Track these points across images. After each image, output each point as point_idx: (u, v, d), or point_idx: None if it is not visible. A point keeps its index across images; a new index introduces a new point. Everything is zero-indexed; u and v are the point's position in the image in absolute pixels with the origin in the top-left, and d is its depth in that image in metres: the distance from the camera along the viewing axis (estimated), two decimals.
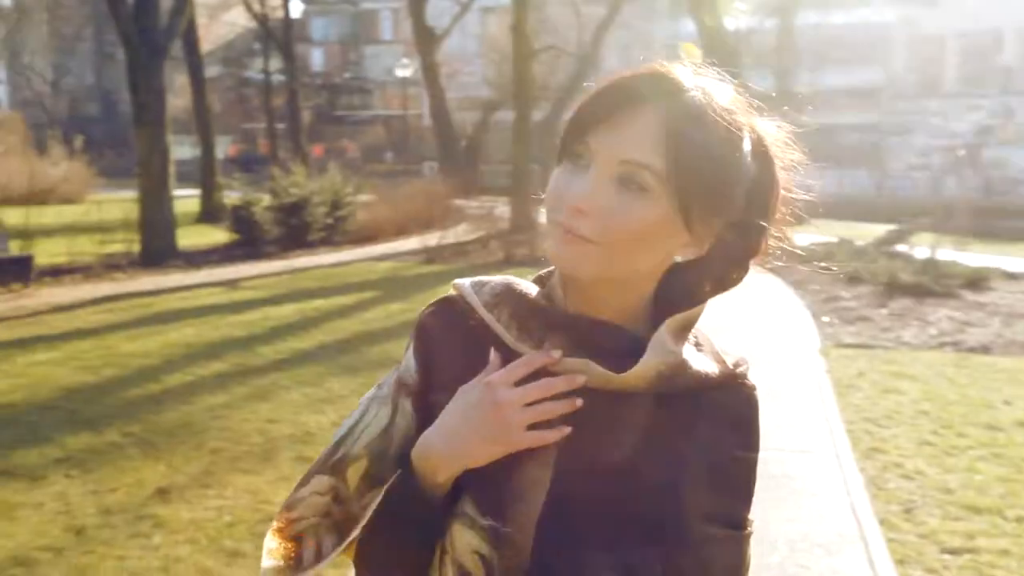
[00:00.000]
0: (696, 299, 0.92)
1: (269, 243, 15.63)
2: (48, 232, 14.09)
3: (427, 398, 0.93)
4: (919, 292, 10.62)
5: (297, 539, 0.93)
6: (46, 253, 12.63)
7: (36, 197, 23.75)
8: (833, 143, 39.04)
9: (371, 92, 57.90)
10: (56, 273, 12.11)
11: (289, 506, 0.94)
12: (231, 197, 18.90)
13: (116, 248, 14.24)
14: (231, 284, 11.69)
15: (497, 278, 0.96)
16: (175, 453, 4.83)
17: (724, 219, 0.88)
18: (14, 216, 13.03)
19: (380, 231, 17.62)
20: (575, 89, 28.01)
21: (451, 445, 0.88)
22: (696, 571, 0.89)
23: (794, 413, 5.73)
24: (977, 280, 11.41)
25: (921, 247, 12.96)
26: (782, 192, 0.92)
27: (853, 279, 11.79)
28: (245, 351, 7.43)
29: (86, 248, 13.77)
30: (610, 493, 0.89)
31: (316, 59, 56.66)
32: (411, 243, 15.94)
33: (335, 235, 16.76)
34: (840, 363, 7.19)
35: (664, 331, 0.88)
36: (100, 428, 5.23)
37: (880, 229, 16.16)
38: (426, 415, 0.92)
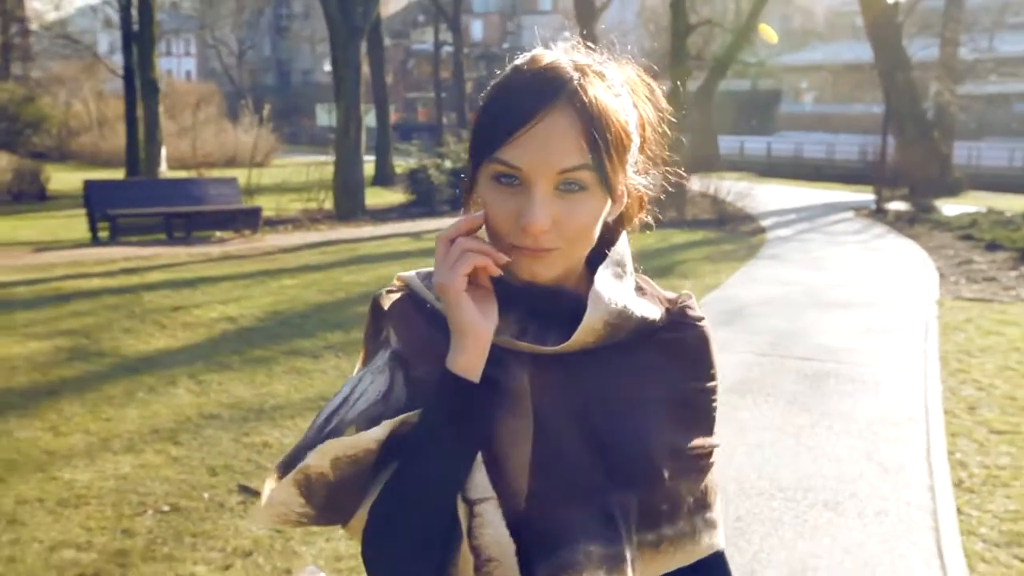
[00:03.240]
0: (611, 240, 0.98)
1: (442, 203, 17.51)
2: (254, 191, 16.44)
3: (411, 374, 0.94)
4: None
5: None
6: None
7: (231, 162, 26.88)
8: (1008, 113, 37.50)
9: None
10: (270, 223, 14.36)
11: (283, 475, 0.92)
12: (401, 163, 20.96)
13: (312, 205, 16.47)
14: (415, 235, 13.57)
15: None
16: None
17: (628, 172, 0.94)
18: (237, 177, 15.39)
19: None
20: (730, 60, 28.54)
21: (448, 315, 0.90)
22: (667, 504, 0.95)
23: (898, 345, 6.84)
24: None
25: None
26: (649, 128, 0.97)
27: (992, 246, 12.35)
28: None
29: (287, 204, 16.03)
30: (585, 445, 0.91)
31: (476, 30, 58.77)
32: None
33: None
34: (953, 312, 8.14)
35: (596, 286, 0.93)
36: (348, 329, 7.01)
37: None
38: (413, 390, 0.93)
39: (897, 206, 17.68)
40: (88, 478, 4.00)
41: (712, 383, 1.00)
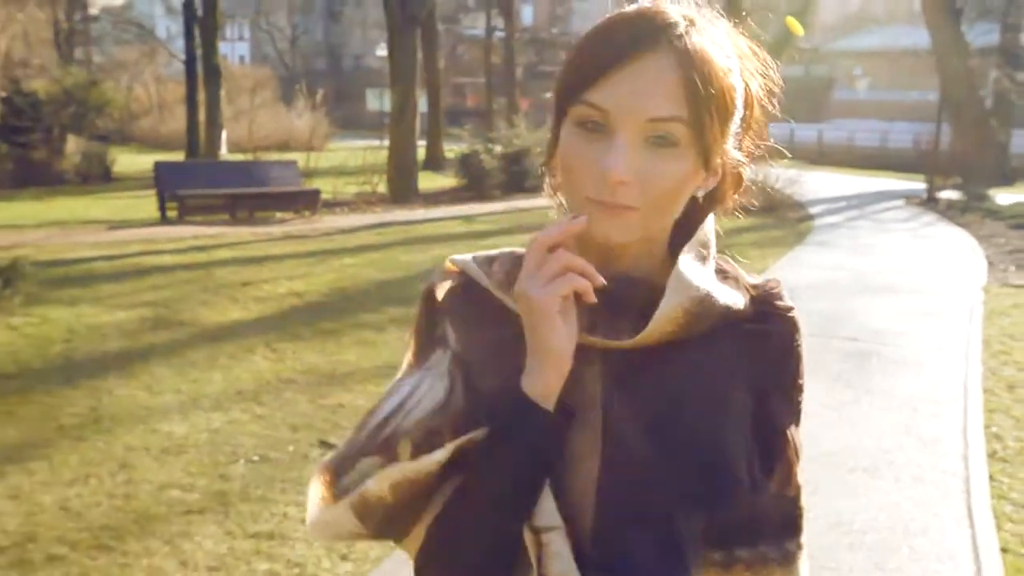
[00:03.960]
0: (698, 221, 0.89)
1: (492, 187, 17.82)
2: (311, 174, 16.95)
3: (473, 382, 0.87)
4: None
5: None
6: None
7: (285, 145, 27.54)
8: None
9: None
10: (327, 205, 14.82)
11: (333, 479, 0.87)
12: (452, 148, 21.34)
13: (367, 188, 16.92)
14: (468, 219, 13.92)
15: (503, 251, 0.93)
16: None
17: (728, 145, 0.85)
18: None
19: None
20: (783, 49, 28.34)
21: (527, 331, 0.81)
22: (746, 521, 0.86)
23: (942, 329, 7.00)
24: None
25: None
26: (758, 107, 0.88)
27: None
28: None
29: (342, 187, 16.50)
30: (658, 455, 0.83)
31: (526, 15, 58.79)
32: None
33: None
34: (999, 298, 8.24)
35: (680, 268, 0.84)
36: (409, 305, 7.25)
37: None
38: (474, 400, 0.86)
39: (949, 195, 17.56)
40: (184, 431, 4.41)
41: (800, 381, 0.90)
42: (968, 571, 3.22)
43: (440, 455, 0.82)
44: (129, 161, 21.29)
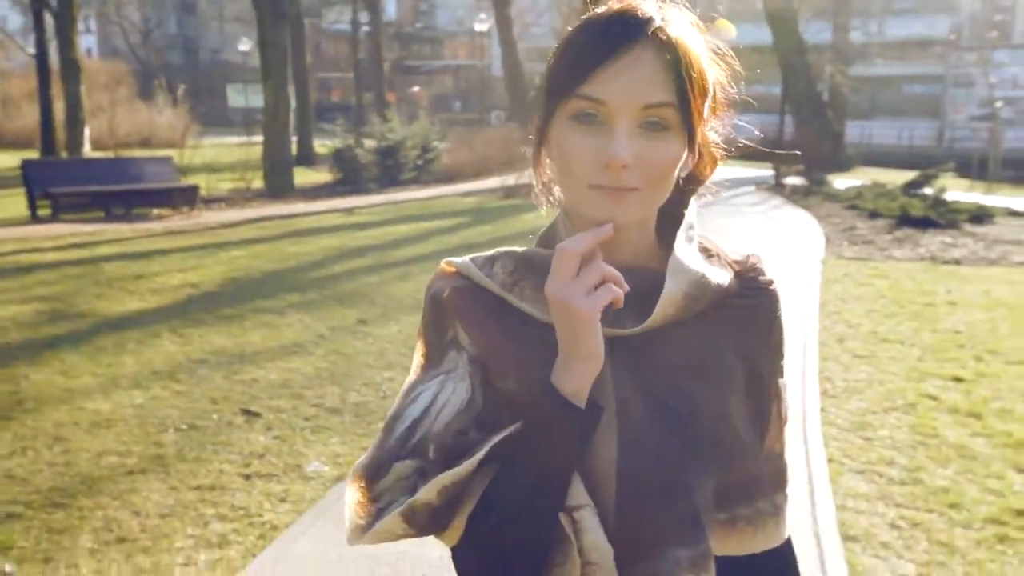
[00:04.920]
0: (680, 204, 0.96)
1: (368, 181, 18.11)
2: (184, 170, 16.75)
3: (494, 383, 0.93)
4: (925, 224, 12.55)
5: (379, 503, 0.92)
6: None
7: (146, 142, 26.77)
8: (897, 94, 39.98)
9: (441, 42, 59.69)
10: (203, 201, 14.74)
11: (369, 484, 0.93)
12: (324, 144, 21.43)
13: (240, 184, 16.87)
14: (347, 211, 14.21)
15: (500, 252, 0.97)
16: (359, 305, 7.29)
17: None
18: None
19: (461, 172, 20.06)
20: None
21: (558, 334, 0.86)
22: (746, 481, 0.94)
23: (784, 295, 7.94)
24: (981, 215, 13.26)
25: (943, 190, 14.77)
26: (720, 92, 0.95)
27: (873, 214, 13.75)
28: (380, 253, 9.91)
29: (215, 184, 16.39)
30: (669, 430, 0.90)
31: (389, 9, 58.67)
32: (490, 182, 18.29)
33: (423, 174, 19.26)
34: (834, 268, 9.35)
35: (676, 253, 0.91)
36: (304, 291, 7.72)
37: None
38: (494, 397, 0.92)
39: (794, 181, 19.16)
40: (109, 407, 4.69)
41: (783, 348, 1.01)
42: (802, 477, 3.97)
43: (480, 454, 0.87)
44: None
